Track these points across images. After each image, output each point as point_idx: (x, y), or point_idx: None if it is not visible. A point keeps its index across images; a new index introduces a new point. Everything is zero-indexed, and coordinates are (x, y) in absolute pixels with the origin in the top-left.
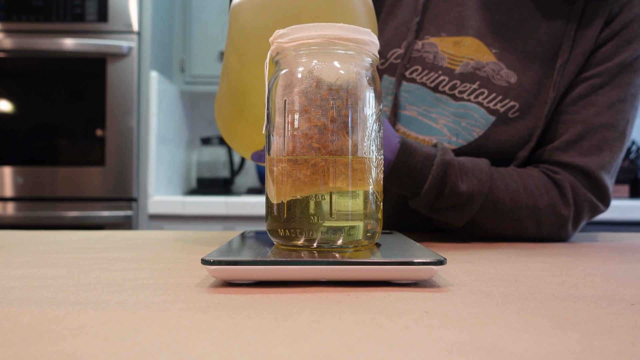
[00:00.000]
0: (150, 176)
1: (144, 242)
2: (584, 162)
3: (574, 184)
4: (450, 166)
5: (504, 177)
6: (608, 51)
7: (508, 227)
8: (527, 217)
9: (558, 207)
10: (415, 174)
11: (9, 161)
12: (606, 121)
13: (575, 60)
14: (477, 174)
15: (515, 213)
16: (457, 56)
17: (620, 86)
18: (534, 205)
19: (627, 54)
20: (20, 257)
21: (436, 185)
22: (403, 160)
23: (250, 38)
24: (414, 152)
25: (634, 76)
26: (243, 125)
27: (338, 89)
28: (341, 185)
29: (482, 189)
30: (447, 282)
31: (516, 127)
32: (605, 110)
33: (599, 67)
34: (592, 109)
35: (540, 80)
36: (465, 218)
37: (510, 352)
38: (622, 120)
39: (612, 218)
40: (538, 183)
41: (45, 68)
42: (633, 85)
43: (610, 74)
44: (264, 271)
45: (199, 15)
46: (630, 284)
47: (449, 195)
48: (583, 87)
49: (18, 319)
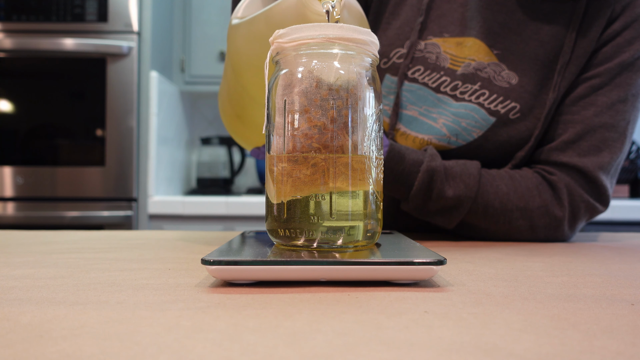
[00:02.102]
0: (150, 176)
1: (144, 242)
2: (582, 162)
3: (570, 184)
4: (436, 172)
5: (494, 180)
6: (609, 51)
7: (501, 229)
8: (519, 218)
9: (551, 208)
10: (403, 179)
11: (9, 161)
12: (606, 121)
13: (576, 61)
14: (464, 178)
15: (506, 215)
16: (459, 57)
17: (620, 86)
18: (525, 207)
19: (627, 54)
20: (20, 257)
21: (422, 190)
22: (391, 167)
23: (244, 64)
24: (401, 159)
25: (635, 76)
26: (242, 127)
27: (338, 89)
28: (341, 185)
29: (469, 194)
30: (447, 282)
31: (516, 128)
32: (605, 110)
33: (600, 67)
34: (592, 109)
35: (542, 82)
36: (454, 221)
37: (510, 352)
38: (622, 121)
39: (612, 218)
40: (530, 185)
41: (45, 68)
42: (634, 86)
43: (611, 75)
44: (264, 271)
45: (199, 15)
46: (630, 284)
47: (436, 200)
48: (583, 88)
49: (18, 319)
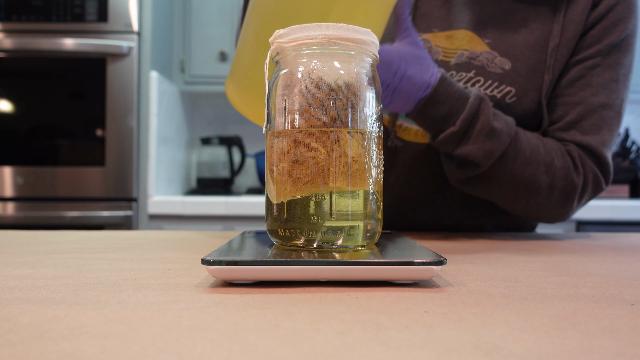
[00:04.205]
0: (150, 176)
1: (144, 242)
2: (586, 140)
3: (582, 155)
4: (484, 101)
5: (526, 133)
6: (596, 34)
7: (524, 181)
8: (543, 173)
9: (571, 172)
10: (453, 101)
11: (9, 161)
12: (603, 101)
13: (566, 44)
14: (505, 118)
15: (532, 166)
16: (451, 49)
17: (612, 67)
18: (550, 164)
19: (614, 35)
20: (20, 257)
21: (471, 115)
22: (444, 86)
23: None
24: (452, 83)
25: (622, 56)
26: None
27: (338, 89)
28: (341, 185)
29: (510, 131)
30: (447, 282)
31: (514, 112)
32: (601, 90)
33: (590, 49)
34: (589, 89)
35: (535, 66)
36: (492, 157)
37: (510, 352)
38: (617, 100)
39: (612, 218)
40: (555, 146)
41: (45, 68)
42: (623, 66)
43: (602, 56)
44: (264, 271)
45: (199, 15)
46: (630, 284)
47: (481, 129)
48: (577, 70)
49: (18, 319)
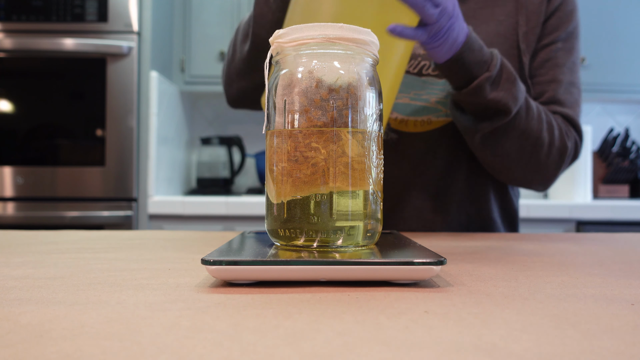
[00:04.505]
0: (150, 176)
1: (144, 242)
2: (567, 112)
3: (566, 123)
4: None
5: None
6: (555, 23)
7: (532, 135)
8: (546, 130)
9: (563, 135)
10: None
11: (9, 161)
12: (570, 79)
13: (533, 31)
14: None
15: (540, 123)
16: None
17: (570, 51)
18: (551, 123)
19: (568, 24)
20: (20, 257)
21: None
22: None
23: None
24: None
25: (576, 42)
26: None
27: (338, 89)
28: (341, 185)
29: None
30: (447, 282)
31: None
32: (567, 70)
33: (551, 35)
34: (557, 69)
35: (508, 51)
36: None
37: (510, 352)
38: (577, 79)
39: (612, 218)
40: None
41: (45, 68)
42: (577, 50)
43: (562, 41)
44: (264, 271)
45: (199, 15)
46: (630, 284)
47: (507, 77)
48: (545, 53)
49: (18, 319)
